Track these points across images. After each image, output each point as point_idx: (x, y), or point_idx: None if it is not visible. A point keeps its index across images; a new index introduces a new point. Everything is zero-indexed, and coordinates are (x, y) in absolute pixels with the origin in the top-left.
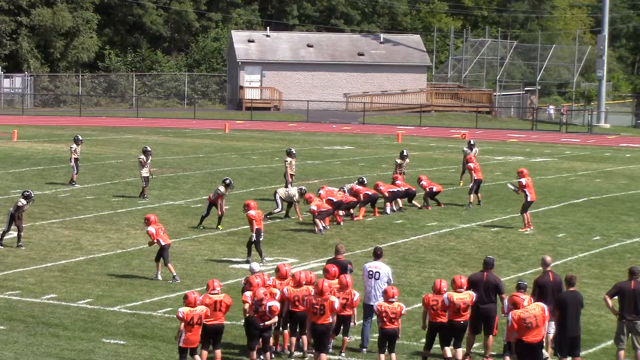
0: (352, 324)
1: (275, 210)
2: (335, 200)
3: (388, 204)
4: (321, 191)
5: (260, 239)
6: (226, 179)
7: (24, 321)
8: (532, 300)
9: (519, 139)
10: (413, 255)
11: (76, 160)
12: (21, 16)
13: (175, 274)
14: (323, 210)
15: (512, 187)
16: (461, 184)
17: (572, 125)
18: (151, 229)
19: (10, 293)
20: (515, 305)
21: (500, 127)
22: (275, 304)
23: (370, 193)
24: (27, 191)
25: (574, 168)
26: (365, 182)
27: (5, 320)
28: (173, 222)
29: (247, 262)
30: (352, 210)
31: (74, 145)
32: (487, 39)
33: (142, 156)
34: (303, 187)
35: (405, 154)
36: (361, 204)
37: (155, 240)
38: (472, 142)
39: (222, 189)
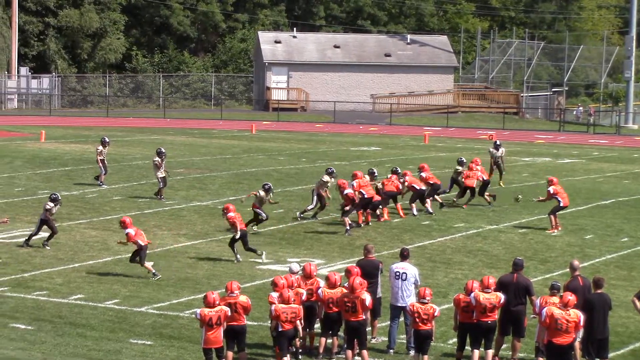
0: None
1: (309, 207)
2: (366, 196)
3: (413, 205)
4: (354, 182)
5: (247, 239)
6: (266, 184)
7: (51, 321)
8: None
9: (546, 140)
10: (440, 257)
11: (102, 161)
12: (49, 17)
13: (154, 271)
14: (362, 194)
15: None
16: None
17: (599, 126)
18: (130, 231)
19: (38, 293)
20: (566, 306)
21: (527, 128)
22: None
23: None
24: (54, 194)
25: (601, 169)
26: (399, 171)
27: (33, 321)
28: (200, 222)
29: (238, 260)
30: (377, 211)
31: (100, 147)
32: (514, 40)
33: (157, 158)
34: (332, 168)
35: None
36: (382, 203)
37: (134, 242)
38: (498, 143)
39: (261, 193)
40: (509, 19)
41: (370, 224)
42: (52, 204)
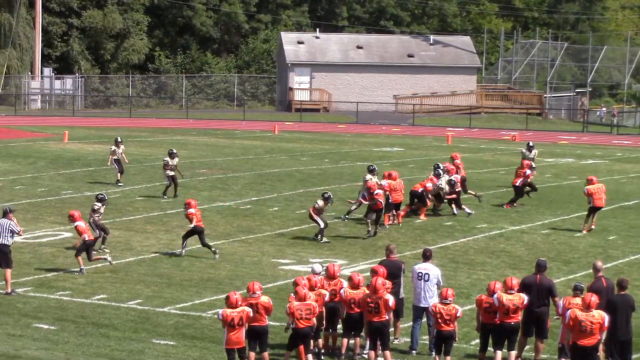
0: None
1: (352, 208)
2: (390, 200)
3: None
4: (384, 181)
5: (204, 236)
6: (325, 193)
7: (74, 321)
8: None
9: (570, 141)
10: (462, 257)
11: (117, 161)
12: (72, 18)
13: (83, 266)
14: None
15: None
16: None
17: (623, 127)
18: (80, 224)
19: (61, 293)
20: (588, 307)
21: (550, 129)
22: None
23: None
24: (101, 194)
25: (625, 170)
26: (440, 166)
27: (56, 321)
28: (223, 223)
29: (181, 254)
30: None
31: (114, 147)
32: (537, 41)
33: (167, 158)
34: (373, 166)
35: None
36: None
37: (84, 235)
38: (531, 144)
39: (320, 203)
40: (532, 20)
41: (400, 225)
42: (99, 204)
